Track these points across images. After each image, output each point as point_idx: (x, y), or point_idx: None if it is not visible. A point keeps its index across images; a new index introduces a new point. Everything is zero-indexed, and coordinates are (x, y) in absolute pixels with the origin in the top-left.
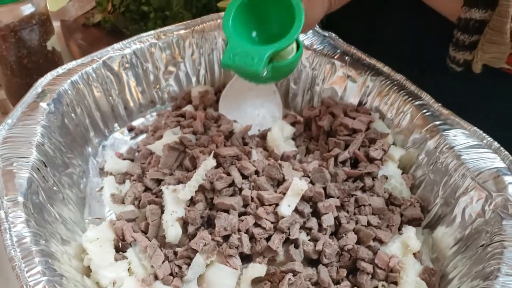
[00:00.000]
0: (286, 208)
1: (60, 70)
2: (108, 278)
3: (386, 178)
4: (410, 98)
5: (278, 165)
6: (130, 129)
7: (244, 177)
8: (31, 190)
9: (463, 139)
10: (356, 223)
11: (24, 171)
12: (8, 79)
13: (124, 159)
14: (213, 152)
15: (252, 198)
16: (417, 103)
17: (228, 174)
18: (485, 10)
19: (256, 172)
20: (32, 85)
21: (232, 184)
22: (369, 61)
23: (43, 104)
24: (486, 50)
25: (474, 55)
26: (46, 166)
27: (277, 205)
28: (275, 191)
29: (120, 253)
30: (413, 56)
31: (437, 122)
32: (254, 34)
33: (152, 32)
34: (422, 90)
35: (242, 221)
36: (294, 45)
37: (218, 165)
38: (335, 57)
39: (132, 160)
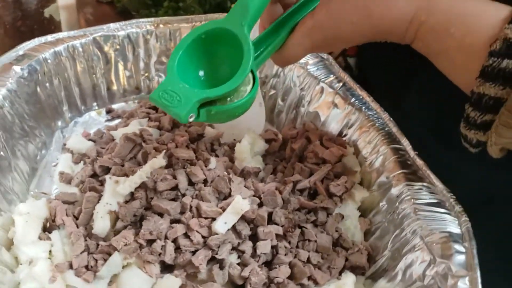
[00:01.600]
0: (222, 225)
1: (49, 37)
2: (27, 256)
3: (342, 217)
4: (388, 140)
5: (227, 178)
6: (108, 111)
7: (191, 183)
8: None
9: (427, 194)
10: (295, 256)
11: None
12: (1, 38)
13: (89, 139)
14: (164, 151)
15: (190, 207)
16: (393, 146)
17: (175, 177)
18: (503, 87)
19: (205, 181)
20: None
21: (176, 188)
22: (359, 93)
23: (17, 68)
24: (502, 134)
25: (488, 137)
26: None
27: (214, 219)
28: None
29: (46, 233)
30: (437, 127)
31: (406, 171)
32: (201, 73)
33: (151, 19)
34: (403, 135)
35: (172, 228)
36: (247, 87)
37: (170, 165)
38: (326, 81)
39: (95, 143)
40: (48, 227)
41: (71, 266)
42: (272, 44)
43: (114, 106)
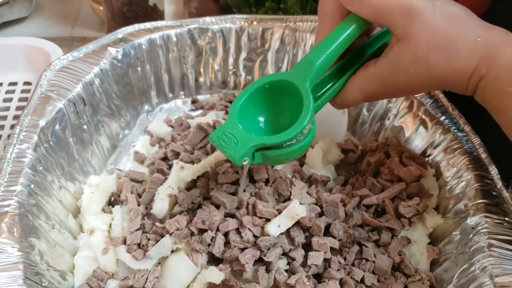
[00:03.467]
0: (275, 227)
1: (148, 25)
2: (89, 225)
3: (409, 241)
4: (474, 165)
5: (288, 181)
6: (193, 101)
7: (253, 181)
8: (57, 120)
9: (507, 230)
10: (348, 274)
11: (59, 101)
12: (108, 21)
13: (170, 125)
14: None
15: (247, 204)
16: (478, 172)
17: (237, 172)
18: None
19: (267, 181)
20: None
21: (236, 182)
22: (451, 112)
23: (112, 50)
24: None
25: None
26: (85, 104)
27: (268, 220)
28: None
29: (110, 207)
30: None
31: (488, 201)
32: (261, 119)
33: (246, 16)
34: (493, 163)
35: (225, 221)
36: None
37: None
38: (416, 95)
39: (173, 128)
40: (113, 201)
41: (124, 242)
42: (332, 89)
43: (199, 97)
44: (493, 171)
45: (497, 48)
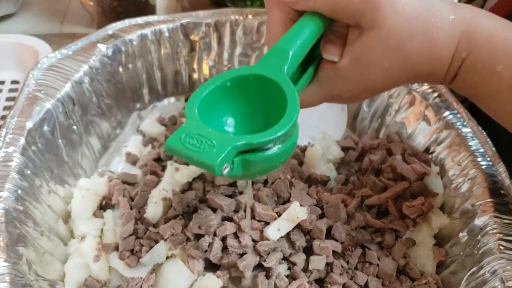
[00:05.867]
0: (274, 231)
1: (139, 20)
2: (80, 231)
3: (414, 243)
4: (480, 163)
5: (288, 182)
6: (187, 99)
7: (251, 182)
8: (45, 121)
9: None
10: (351, 278)
11: (48, 102)
12: (98, 17)
13: (163, 124)
14: None
15: (245, 207)
16: (486, 170)
17: None
18: None
19: (265, 182)
20: None
21: (234, 184)
22: (455, 107)
23: (102, 46)
24: None
25: None
26: (74, 104)
27: (268, 224)
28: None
29: (101, 211)
30: None
31: (497, 200)
32: (229, 121)
33: (241, 9)
34: (500, 160)
35: (223, 225)
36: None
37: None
38: (419, 90)
39: (167, 128)
40: (104, 205)
41: (117, 248)
42: (300, 83)
43: None
44: (501, 168)
45: (473, 24)
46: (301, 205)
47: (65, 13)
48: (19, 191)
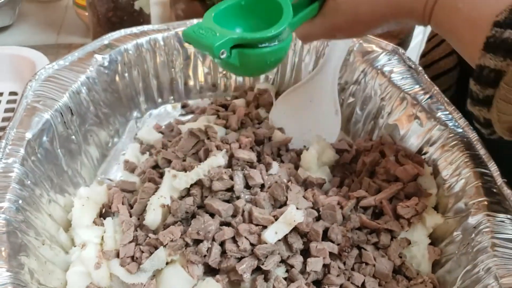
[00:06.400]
0: (272, 234)
1: (134, 29)
2: (81, 239)
3: (409, 243)
4: (473, 162)
5: (284, 186)
6: (183, 106)
7: (248, 187)
8: (44, 131)
9: (509, 228)
10: (348, 279)
11: (46, 112)
12: (94, 27)
13: (160, 132)
14: (224, 150)
15: (242, 212)
16: (478, 169)
17: (232, 178)
18: (503, 58)
19: (262, 186)
20: None
21: (231, 189)
22: (447, 108)
23: (98, 56)
24: (502, 109)
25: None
26: (72, 114)
27: (265, 227)
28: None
29: (101, 219)
30: None
31: (489, 199)
32: (237, 31)
33: None
34: (492, 159)
35: (221, 230)
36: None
37: (230, 166)
38: (411, 92)
39: (164, 135)
40: (104, 213)
41: (117, 255)
42: (305, 10)
43: (190, 102)
44: (493, 167)
45: None
46: (297, 208)
47: (61, 24)
48: (20, 201)
